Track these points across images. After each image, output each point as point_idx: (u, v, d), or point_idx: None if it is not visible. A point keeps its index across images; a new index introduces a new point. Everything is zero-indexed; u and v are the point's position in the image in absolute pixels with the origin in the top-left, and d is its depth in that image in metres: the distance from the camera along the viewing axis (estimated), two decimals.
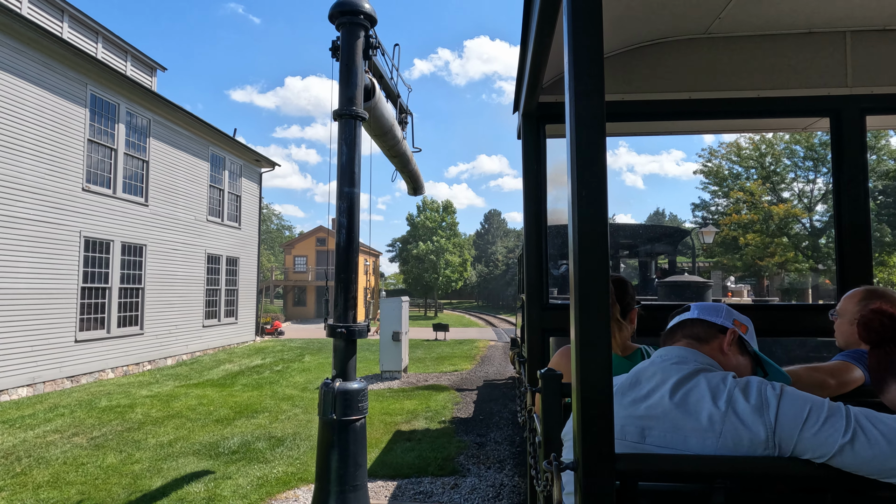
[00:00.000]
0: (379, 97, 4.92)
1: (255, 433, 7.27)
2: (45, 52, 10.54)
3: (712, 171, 35.85)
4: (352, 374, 3.84)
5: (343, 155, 4.02)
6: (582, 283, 1.00)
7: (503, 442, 6.93)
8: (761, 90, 3.00)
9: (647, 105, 3.09)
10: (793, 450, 1.06)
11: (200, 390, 10.58)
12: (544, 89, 2.97)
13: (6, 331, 9.69)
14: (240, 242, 18.84)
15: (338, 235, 4.01)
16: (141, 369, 13.42)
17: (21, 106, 10.04)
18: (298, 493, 5.14)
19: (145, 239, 13.58)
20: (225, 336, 17.81)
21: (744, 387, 1.15)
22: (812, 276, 31.34)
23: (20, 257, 9.96)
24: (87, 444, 6.77)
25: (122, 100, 12.71)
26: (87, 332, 11.59)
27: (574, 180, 1.02)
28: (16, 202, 9.88)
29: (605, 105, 1.03)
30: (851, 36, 2.92)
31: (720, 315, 1.39)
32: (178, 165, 15.11)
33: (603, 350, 0.99)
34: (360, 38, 4.09)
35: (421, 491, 5.21)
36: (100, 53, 14.28)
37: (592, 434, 0.98)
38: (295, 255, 47.16)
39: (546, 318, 2.98)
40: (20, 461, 6.10)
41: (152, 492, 5.16)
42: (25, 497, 5.03)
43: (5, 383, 9.65)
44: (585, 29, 1.05)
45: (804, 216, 31.16)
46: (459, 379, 12.33)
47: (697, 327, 1.37)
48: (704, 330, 1.37)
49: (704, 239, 20.95)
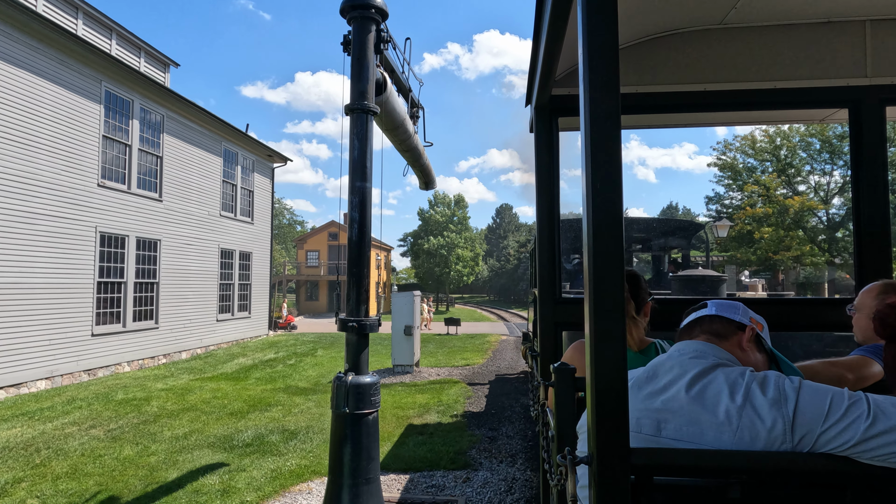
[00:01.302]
0: (390, 91, 4.91)
1: (268, 426, 7.34)
2: (60, 50, 10.65)
3: (727, 164, 35.47)
4: (364, 368, 3.85)
5: (355, 149, 4.02)
6: (597, 277, 0.99)
7: (515, 436, 6.94)
8: (778, 81, 2.96)
9: (662, 97, 3.06)
10: (815, 442, 1.05)
11: (214, 384, 10.69)
12: (557, 82, 2.95)
13: (25, 325, 9.85)
14: (253, 237, 18.97)
15: (350, 230, 4.01)
16: (156, 363, 13.59)
17: (37, 103, 10.16)
18: (312, 486, 5.18)
19: (160, 234, 13.72)
20: (238, 330, 17.97)
21: (761, 381, 1.14)
22: (828, 269, 30.94)
23: (38, 253, 10.11)
24: (104, 437, 6.88)
25: (136, 96, 12.82)
26: (103, 326, 11.75)
27: (588, 173, 1.02)
28: (33, 198, 10.02)
29: (620, 97, 1.02)
30: (871, 25, 2.87)
31: (738, 312, 1.38)
32: (192, 161, 15.23)
33: (618, 344, 0.98)
34: (371, 32, 4.08)
35: (433, 484, 5.23)
36: (114, 50, 14.39)
37: (607, 428, 0.98)
38: (307, 250, 47.40)
39: (559, 312, 2.97)
40: (39, 453, 6.21)
41: (168, 483, 5.23)
42: (45, 488, 5.12)
43: (24, 376, 9.82)
44: (600, 20, 1.03)
45: (820, 209, 30.76)
46: (471, 373, 12.35)
47: (716, 324, 1.37)
48: (723, 326, 1.36)
49: (718, 233, 20.74)
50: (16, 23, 9.63)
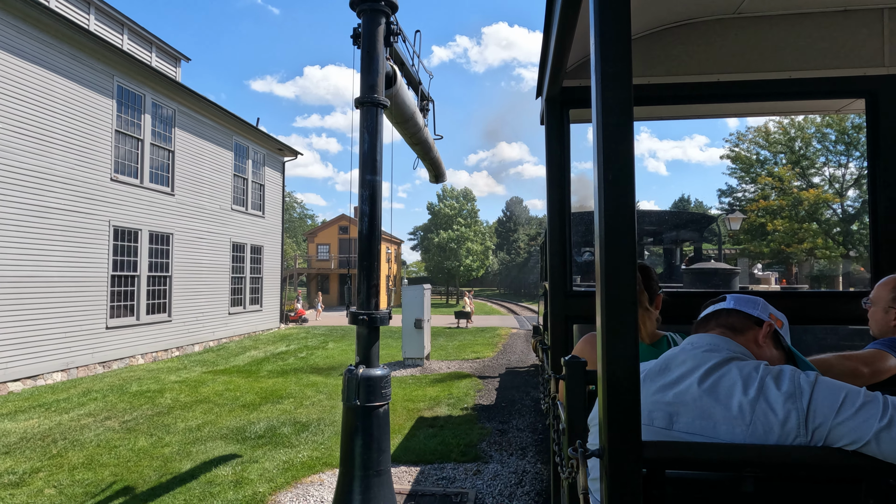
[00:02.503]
0: (400, 84, 4.90)
1: (280, 418, 7.40)
2: (73, 45, 10.73)
3: (740, 156, 35.08)
4: (375, 360, 3.86)
5: (365, 143, 4.01)
6: (609, 270, 0.99)
7: (525, 429, 6.94)
8: (793, 71, 2.91)
9: (674, 88, 3.02)
10: (827, 436, 1.04)
11: (227, 376, 10.79)
12: (568, 73, 2.93)
13: (41, 317, 9.99)
14: (264, 231, 19.07)
15: (360, 223, 4.01)
16: (169, 355, 13.74)
17: (51, 98, 10.26)
18: (323, 478, 5.22)
19: (172, 228, 13.83)
20: (250, 323, 18.11)
21: (776, 375, 1.12)
22: (843, 262, 30.58)
23: (53, 246, 10.23)
24: (119, 428, 6.97)
25: (148, 90, 12.89)
26: (117, 319, 11.89)
27: (600, 165, 1.01)
28: (48, 192, 10.14)
29: (632, 88, 1.01)
30: (889, 13, 2.81)
31: (757, 307, 1.36)
32: (203, 155, 15.31)
33: (630, 337, 0.98)
34: (381, 24, 4.06)
35: (444, 476, 5.25)
36: (125, 45, 14.48)
37: (619, 422, 0.98)
38: (318, 244, 47.58)
39: (569, 306, 2.96)
40: (56, 443, 6.31)
41: (182, 474, 5.29)
42: (62, 478, 5.21)
43: (41, 368, 9.97)
44: (612, 9, 1.02)
45: (835, 201, 30.35)
46: (481, 366, 12.36)
47: (733, 317, 1.35)
48: (740, 320, 1.34)
49: (731, 225, 20.54)
50: (29, 18, 9.71)
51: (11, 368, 9.40)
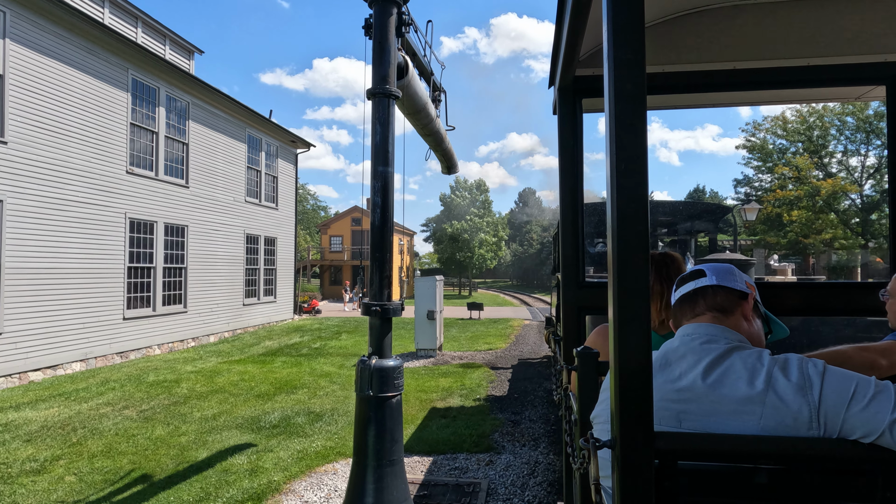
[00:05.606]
0: (412, 75, 4.87)
1: (294, 408, 7.48)
2: (88, 38, 10.82)
3: (756, 145, 34.58)
4: (387, 351, 3.88)
5: (377, 134, 4.01)
6: (621, 261, 0.98)
7: (538, 420, 6.95)
8: (811, 58, 2.85)
9: (689, 76, 2.97)
10: (840, 429, 1.02)
11: (242, 366, 10.91)
12: (581, 62, 2.89)
13: (60, 309, 10.16)
14: (277, 222, 19.19)
15: (372, 215, 4.02)
16: (185, 346, 13.92)
17: (67, 91, 10.37)
18: (337, 467, 5.28)
19: (187, 220, 13.96)
20: (264, 314, 18.27)
21: (783, 365, 1.10)
22: (861, 253, 30.10)
23: (70, 239, 10.38)
24: (136, 417, 7.09)
25: (162, 83, 12.98)
26: (134, 310, 12.06)
27: (613, 154, 0.99)
28: (65, 185, 10.27)
29: (646, 76, 1.00)
30: None
31: (736, 278, 1.34)
32: (217, 147, 15.41)
33: (642, 327, 0.97)
34: (392, 14, 4.04)
35: (456, 467, 5.28)
36: (140, 38, 14.57)
37: (631, 412, 0.97)
38: (331, 235, 47.80)
39: (582, 297, 2.94)
40: (76, 432, 6.43)
41: (198, 463, 5.37)
42: (81, 465, 5.31)
43: (60, 358, 10.16)
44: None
45: (854, 191, 29.85)
46: (494, 357, 12.38)
47: (720, 296, 1.32)
48: (726, 298, 1.31)
49: (747, 216, 20.27)
50: (45, 13, 9.80)
51: (32, 358, 9.58)
